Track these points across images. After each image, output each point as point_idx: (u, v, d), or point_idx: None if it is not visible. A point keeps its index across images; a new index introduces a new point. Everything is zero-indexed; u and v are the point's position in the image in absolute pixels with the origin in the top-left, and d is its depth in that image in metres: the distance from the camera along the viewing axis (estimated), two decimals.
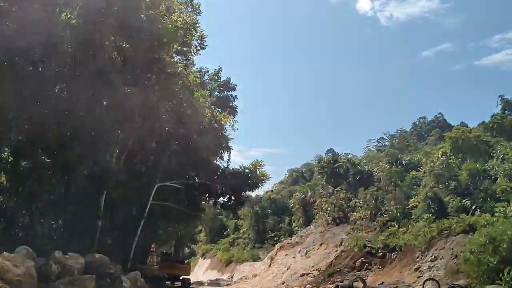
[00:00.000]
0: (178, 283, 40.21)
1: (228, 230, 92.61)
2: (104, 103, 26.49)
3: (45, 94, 23.70)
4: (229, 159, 38.33)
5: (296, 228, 68.43)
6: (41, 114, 23.04)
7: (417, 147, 74.52)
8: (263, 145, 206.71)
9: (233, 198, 37.17)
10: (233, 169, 37.29)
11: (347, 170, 59.43)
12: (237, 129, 39.16)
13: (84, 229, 27.03)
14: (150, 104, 26.83)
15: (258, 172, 37.24)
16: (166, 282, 41.46)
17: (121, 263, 25.75)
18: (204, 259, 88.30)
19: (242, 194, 37.13)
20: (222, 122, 35.75)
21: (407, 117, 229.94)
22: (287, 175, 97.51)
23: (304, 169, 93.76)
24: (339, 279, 41.54)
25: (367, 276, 40.33)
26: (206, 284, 57.15)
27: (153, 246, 46.29)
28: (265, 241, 75.13)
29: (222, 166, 37.43)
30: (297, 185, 77.29)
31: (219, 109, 38.21)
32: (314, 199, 63.05)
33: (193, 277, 76.71)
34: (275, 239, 72.79)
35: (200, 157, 32.95)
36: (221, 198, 38.00)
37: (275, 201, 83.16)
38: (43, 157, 28.04)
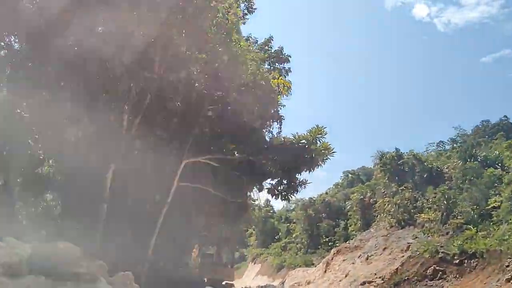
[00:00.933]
0: None
1: (280, 234, 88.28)
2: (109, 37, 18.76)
3: None
4: (279, 132, 27.64)
5: (353, 232, 62.71)
6: None
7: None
8: None
9: (284, 181, 25.95)
10: (284, 138, 26.16)
11: (413, 168, 52.76)
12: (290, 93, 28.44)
13: (82, 214, 20.43)
14: (172, 45, 20.24)
15: (318, 144, 25.52)
16: None
17: (136, 261, 20.00)
18: (254, 263, 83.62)
19: (297, 175, 25.45)
20: (272, 84, 25.37)
21: (465, 122, 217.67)
22: (342, 177, 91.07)
23: (360, 172, 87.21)
24: None
25: (442, 286, 34.44)
26: None
27: (196, 245, 41.13)
28: (319, 246, 70.61)
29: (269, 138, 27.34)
30: (354, 187, 70.86)
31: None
32: (374, 199, 56.74)
33: (242, 282, 72.51)
34: (329, 244, 68.24)
35: (240, 124, 23.90)
36: (269, 180, 26.70)
37: (330, 204, 77.76)
38: None
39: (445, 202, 44.49)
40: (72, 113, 19.79)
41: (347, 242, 56.01)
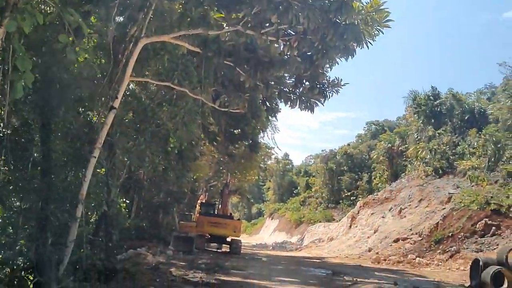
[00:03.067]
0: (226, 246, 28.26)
1: (299, 188, 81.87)
2: None
3: None
4: None
5: (378, 185, 55.68)
6: None
7: None
8: (334, 108, 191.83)
9: (305, 80, 14.70)
10: None
11: (452, 109, 44.81)
12: None
13: None
14: None
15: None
16: (212, 244, 29.49)
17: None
18: (271, 219, 77.55)
19: (325, 67, 14.18)
20: None
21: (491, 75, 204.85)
22: (365, 129, 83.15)
23: (384, 123, 79.47)
24: (454, 247, 28.78)
25: (497, 244, 26.88)
26: (271, 248, 44.87)
27: (201, 196, 34.16)
28: (340, 201, 65.17)
29: None
30: (381, 135, 63.34)
31: None
32: (405, 146, 49.03)
33: (258, 238, 66.69)
34: (351, 198, 62.70)
35: None
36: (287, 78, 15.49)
37: (352, 156, 71.20)
38: None
39: (492, 146, 37.08)
40: None
41: (375, 194, 48.76)
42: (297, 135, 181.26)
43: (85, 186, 11.86)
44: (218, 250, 29.29)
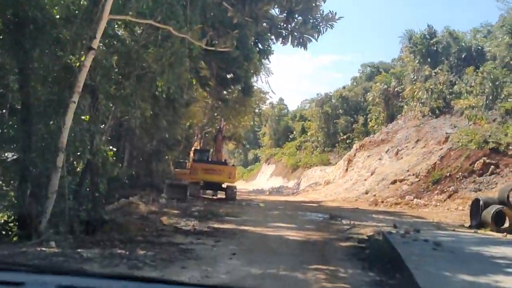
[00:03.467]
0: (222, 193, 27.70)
1: (294, 133, 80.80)
2: None
3: None
4: None
5: (374, 127, 54.72)
6: None
7: None
8: (328, 51, 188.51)
9: (296, 14, 13.61)
10: None
11: (448, 47, 43.47)
12: None
13: None
14: None
15: None
16: (208, 192, 28.97)
17: None
18: (268, 164, 77.16)
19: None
20: None
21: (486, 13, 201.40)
22: (360, 71, 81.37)
23: (379, 65, 77.68)
24: (452, 187, 28.47)
25: (496, 183, 26.81)
26: (267, 193, 44.54)
27: (196, 144, 33.50)
28: (336, 145, 64.19)
29: None
30: (376, 77, 62.01)
31: None
32: (402, 87, 48.00)
33: (255, 184, 66.44)
34: (347, 141, 61.73)
35: None
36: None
37: (347, 99, 69.35)
38: None
39: (490, 84, 36.13)
40: None
41: (371, 136, 48.11)
42: (292, 80, 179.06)
43: (65, 133, 11.02)
44: (213, 197, 28.78)
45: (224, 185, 27.00)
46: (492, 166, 28.21)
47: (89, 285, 1.89)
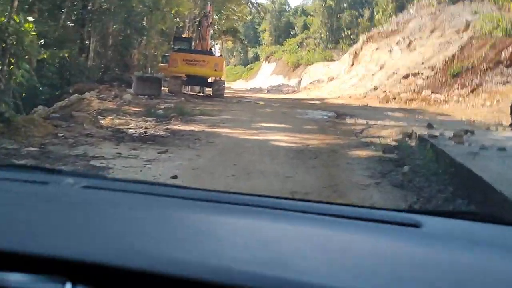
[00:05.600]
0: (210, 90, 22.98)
1: (296, 28, 75.18)
2: None
3: None
4: None
5: (382, 20, 49.06)
6: None
7: None
8: None
9: None
10: None
11: None
12: None
13: None
14: None
15: None
16: (189, 86, 24.43)
17: None
18: (268, 62, 71.72)
19: None
20: None
21: None
22: None
23: None
24: (475, 80, 23.79)
25: None
26: (265, 91, 39.88)
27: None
28: (340, 41, 59.57)
29: None
30: None
31: None
32: None
33: (255, 83, 61.65)
34: (351, 37, 56.70)
35: None
36: None
37: None
38: None
39: None
40: None
41: (380, 27, 42.56)
42: None
43: None
44: (198, 94, 24.18)
45: (210, 80, 22.31)
46: None
47: (113, 187, 1.71)
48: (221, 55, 32.08)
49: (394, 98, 24.74)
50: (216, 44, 56.21)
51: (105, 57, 22.84)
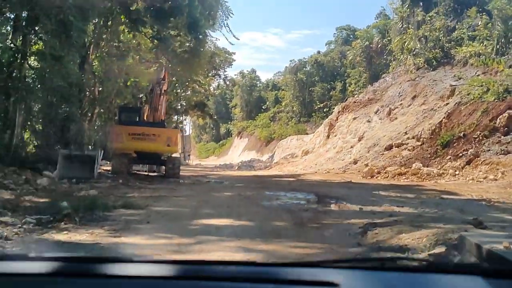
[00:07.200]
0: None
1: (267, 103, 72.73)
2: None
3: None
4: None
5: (355, 91, 47.05)
6: None
7: None
8: (301, 26, 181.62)
9: None
10: None
11: None
12: None
13: None
14: None
15: None
16: (140, 165, 20.57)
17: None
18: (240, 138, 69.18)
19: None
20: None
21: None
22: (335, 34, 72.61)
23: (356, 28, 69.45)
24: (470, 150, 20.71)
25: None
26: (236, 168, 36.09)
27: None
28: (313, 114, 57.57)
29: None
30: (357, 31, 54.12)
31: None
32: (388, 39, 39.85)
33: (226, 160, 57.95)
34: (324, 110, 54.87)
35: None
36: None
37: (323, 65, 61.62)
38: None
39: (500, 24, 28.31)
40: None
41: (355, 96, 39.88)
42: (264, 56, 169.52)
43: None
44: (150, 174, 20.14)
45: (163, 157, 18.41)
46: None
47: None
48: (176, 127, 28.35)
49: (379, 173, 21.24)
50: (185, 120, 52.91)
51: (39, 132, 19.06)
